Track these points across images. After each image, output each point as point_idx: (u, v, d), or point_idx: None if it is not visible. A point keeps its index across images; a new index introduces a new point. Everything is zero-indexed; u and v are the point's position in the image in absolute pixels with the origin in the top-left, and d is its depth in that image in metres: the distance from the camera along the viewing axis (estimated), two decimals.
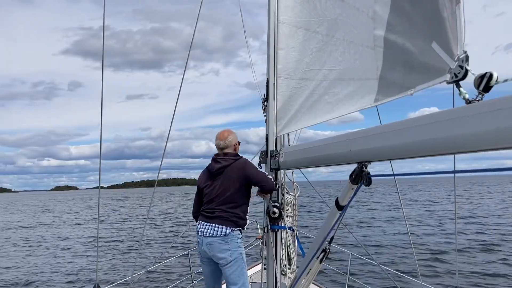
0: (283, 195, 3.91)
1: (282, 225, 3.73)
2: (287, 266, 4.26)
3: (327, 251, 2.53)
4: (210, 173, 3.49)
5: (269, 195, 3.49)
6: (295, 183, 4.34)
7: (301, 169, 3.94)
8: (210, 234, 3.26)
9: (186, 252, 6.14)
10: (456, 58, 1.72)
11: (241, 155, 3.64)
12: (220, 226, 3.25)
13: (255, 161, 3.78)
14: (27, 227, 28.15)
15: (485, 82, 1.46)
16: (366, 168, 1.81)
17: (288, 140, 4.20)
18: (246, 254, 3.53)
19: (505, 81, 1.42)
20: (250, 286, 5.25)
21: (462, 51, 1.71)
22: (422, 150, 1.39)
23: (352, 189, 2.03)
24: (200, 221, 3.41)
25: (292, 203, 4.18)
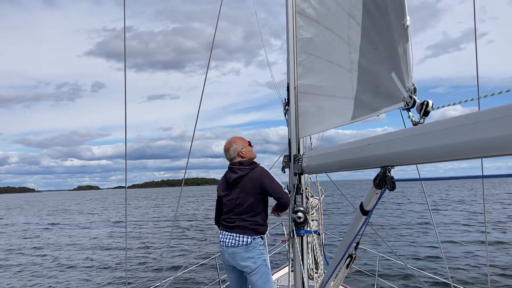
0: (308, 199, 3.89)
1: (308, 229, 3.71)
2: (314, 270, 4.23)
3: (354, 256, 2.50)
4: (228, 183, 3.51)
5: (283, 212, 3.52)
6: (319, 187, 4.31)
7: (329, 175, 3.92)
8: (232, 244, 3.27)
9: (213, 257, 6.17)
10: (407, 89, 1.97)
11: (262, 154, 3.66)
12: (241, 235, 3.26)
13: (278, 163, 3.77)
14: (53, 228, 28.38)
15: (424, 108, 1.77)
16: (389, 172, 1.79)
17: (311, 143, 4.19)
18: (273, 257, 3.53)
19: (438, 107, 1.78)
20: None
21: (411, 83, 1.97)
22: (446, 154, 1.37)
23: (376, 193, 2.00)
24: (222, 231, 3.43)
25: (317, 207, 4.15)
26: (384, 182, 1.83)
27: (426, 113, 1.79)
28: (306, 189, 3.79)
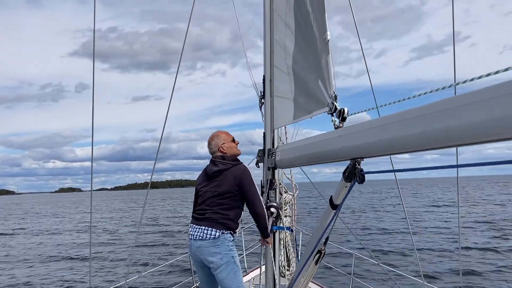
0: (281, 194, 3.83)
1: (281, 225, 3.65)
2: (286, 267, 4.17)
3: (323, 252, 2.44)
4: (207, 175, 3.40)
5: (266, 240, 3.40)
6: (293, 183, 4.25)
7: (302, 168, 3.86)
8: (200, 237, 3.14)
9: (187, 253, 6.05)
10: (330, 96, 2.22)
11: (247, 156, 3.56)
12: (209, 228, 3.14)
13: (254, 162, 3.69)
14: (20, 233, 27.10)
15: (341, 115, 2.07)
16: (359, 164, 1.73)
17: (286, 138, 4.13)
18: (250, 256, 3.41)
19: (353, 114, 2.08)
20: None
21: (333, 91, 2.23)
22: (414, 143, 1.31)
23: (346, 187, 1.94)
24: (191, 224, 3.31)
25: (290, 202, 4.08)
26: (353, 174, 1.77)
27: (344, 119, 2.08)
28: (280, 184, 3.72)
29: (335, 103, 2.14)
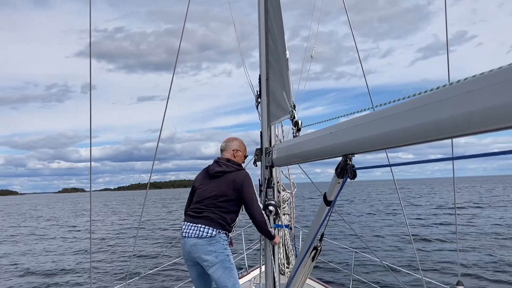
0: (279, 192, 3.85)
1: (279, 223, 3.67)
2: (286, 265, 4.19)
3: (319, 248, 2.46)
4: (208, 174, 3.43)
5: (273, 242, 3.48)
6: (291, 181, 4.27)
7: (301, 166, 3.89)
8: (196, 235, 3.15)
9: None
10: (290, 105, 2.62)
11: (251, 156, 3.67)
12: (206, 227, 3.15)
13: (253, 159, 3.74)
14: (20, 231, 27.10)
15: (296, 125, 2.54)
16: (350, 160, 1.75)
17: (283, 136, 4.15)
18: (250, 256, 3.46)
19: (307, 125, 2.53)
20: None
21: (292, 102, 2.65)
22: (403, 138, 1.32)
23: (339, 183, 1.96)
24: (186, 222, 3.31)
25: (289, 200, 4.10)
26: (345, 171, 1.79)
27: (299, 129, 2.49)
28: (277, 182, 3.74)
29: (294, 111, 2.55)
